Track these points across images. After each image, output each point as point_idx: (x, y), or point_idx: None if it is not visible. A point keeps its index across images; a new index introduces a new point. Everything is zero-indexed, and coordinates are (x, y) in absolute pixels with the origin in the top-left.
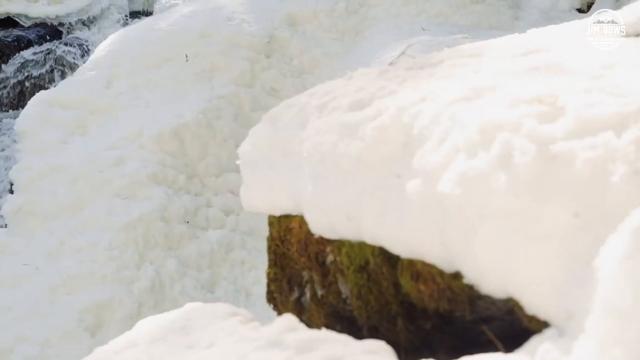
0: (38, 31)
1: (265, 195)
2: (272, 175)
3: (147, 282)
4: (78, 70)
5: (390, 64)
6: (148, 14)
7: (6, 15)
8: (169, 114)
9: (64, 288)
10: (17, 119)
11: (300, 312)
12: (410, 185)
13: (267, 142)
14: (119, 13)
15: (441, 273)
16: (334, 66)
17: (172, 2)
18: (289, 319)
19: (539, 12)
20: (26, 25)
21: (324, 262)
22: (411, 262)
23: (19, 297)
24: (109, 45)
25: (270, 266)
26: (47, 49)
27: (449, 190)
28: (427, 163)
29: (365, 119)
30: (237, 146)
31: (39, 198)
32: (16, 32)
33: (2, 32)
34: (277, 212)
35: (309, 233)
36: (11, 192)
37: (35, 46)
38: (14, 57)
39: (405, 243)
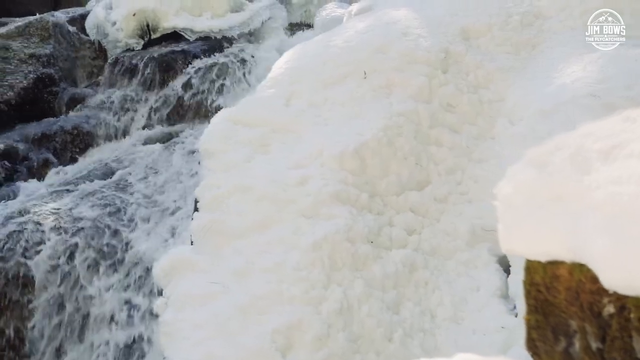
0: (202, 45)
1: (529, 240)
2: (539, 220)
3: (335, 303)
4: (258, 88)
5: None
6: (307, 26)
7: (173, 30)
8: (349, 132)
9: (253, 308)
10: (202, 137)
11: None
12: None
13: (531, 185)
14: (279, 25)
15: None
16: (510, 80)
17: (333, 14)
18: None
19: None
20: (191, 39)
21: (599, 314)
22: None
23: (208, 316)
24: (286, 62)
25: (530, 312)
26: (212, 63)
27: None
28: None
29: None
30: (417, 164)
31: (225, 216)
32: (182, 46)
33: (169, 46)
34: (543, 258)
35: (580, 282)
36: (196, 209)
37: (200, 60)
38: (182, 71)
39: None
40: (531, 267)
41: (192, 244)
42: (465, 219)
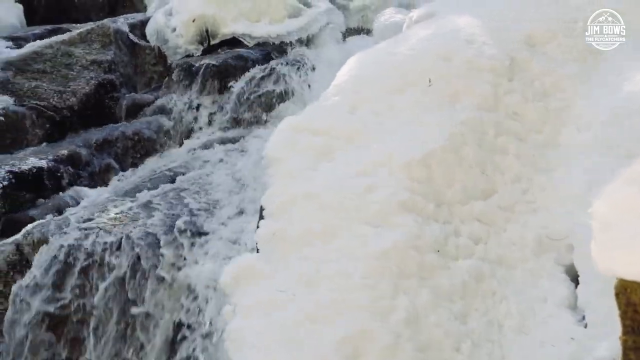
0: (261, 50)
1: (628, 259)
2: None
3: (402, 312)
4: (322, 96)
5: None
6: (364, 31)
7: (232, 36)
8: (414, 140)
9: (320, 316)
10: (267, 144)
11: None
12: None
13: (631, 204)
14: (337, 31)
15: None
16: (577, 88)
17: (392, 20)
18: None
19: None
20: (250, 45)
21: None
22: None
23: (275, 324)
24: (350, 70)
25: (626, 333)
26: (270, 69)
27: None
28: None
29: None
30: (483, 172)
31: (290, 224)
32: (241, 52)
33: (228, 52)
34: None
35: None
36: (262, 217)
37: (259, 66)
38: (240, 77)
39: None
40: (628, 287)
41: (257, 252)
42: (531, 228)
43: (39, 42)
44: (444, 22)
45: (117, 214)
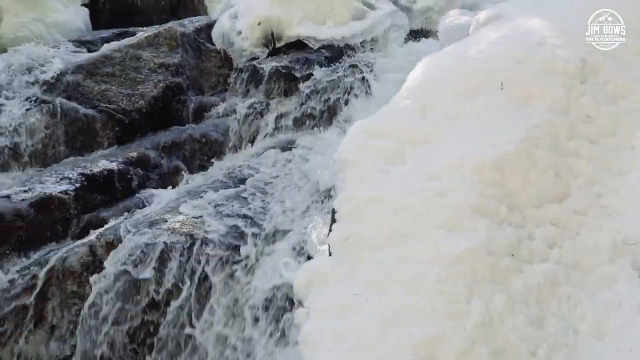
0: (325, 53)
1: None
2: None
3: (477, 317)
4: (393, 99)
5: None
6: (428, 33)
7: (297, 38)
8: (487, 143)
9: (394, 320)
10: (339, 148)
11: None
12: None
13: None
14: (401, 33)
15: None
16: None
17: (457, 22)
18: None
19: None
20: (314, 48)
21: None
22: None
23: (349, 327)
24: (421, 73)
25: None
26: (335, 71)
27: None
28: None
29: None
30: (557, 176)
31: (362, 228)
32: (306, 54)
33: (293, 55)
34: None
35: None
36: (334, 221)
37: (324, 68)
38: (306, 79)
39: None
40: None
41: (330, 255)
42: (605, 232)
43: (107, 46)
44: (514, 24)
45: (186, 215)
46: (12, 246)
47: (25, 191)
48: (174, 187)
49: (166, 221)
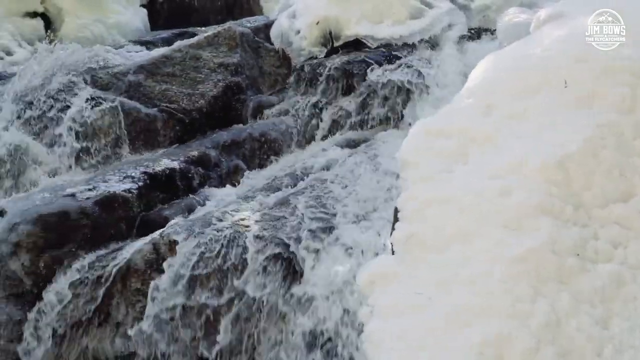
0: (383, 52)
1: None
2: None
3: (542, 316)
4: (455, 98)
5: None
6: (486, 31)
7: (354, 38)
8: (550, 142)
9: (458, 319)
10: (400, 148)
11: None
12: None
13: None
14: (459, 31)
15: None
16: None
17: (516, 20)
18: None
19: None
20: (372, 47)
21: None
22: None
23: (413, 326)
24: (482, 72)
25: None
26: (393, 70)
27: None
28: None
29: None
30: (622, 175)
31: (425, 227)
32: (364, 54)
33: (351, 54)
34: None
35: None
36: (396, 220)
37: (382, 67)
38: (364, 79)
39: None
40: None
41: (392, 254)
42: None
43: (167, 46)
44: (576, 22)
45: (248, 214)
46: (77, 244)
47: (89, 190)
48: (233, 185)
49: (227, 219)
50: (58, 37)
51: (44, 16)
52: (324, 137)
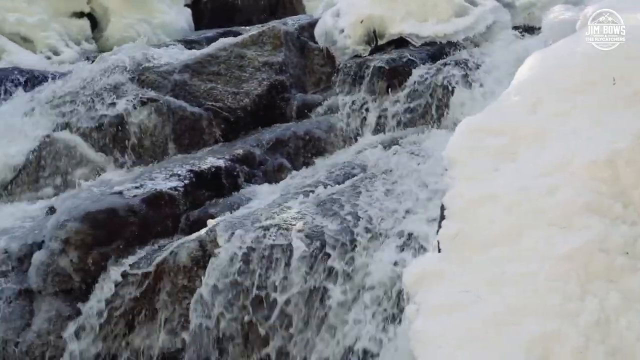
0: (428, 50)
1: None
2: None
3: (592, 315)
4: (502, 96)
5: None
6: (531, 28)
7: (399, 36)
8: (599, 140)
9: (506, 318)
10: (447, 146)
11: None
12: None
13: None
14: (504, 29)
15: None
16: None
17: (562, 18)
18: None
19: None
20: (417, 45)
21: None
22: None
23: (460, 324)
24: (529, 69)
25: None
26: (438, 69)
27: None
28: None
29: None
30: None
31: (472, 225)
32: (408, 52)
33: (395, 52)
34: None
35: None
36: (443, 217)
37: (427, 65)
38: (409, 77)
39: None
40: None
41: (439, 252)
42: None
43: (213, 45)
44: (627, 19)
45: (294, 212)
46: (125, 241)
47: (137, 187)
48: (278, 183)
49: (274, 217)
50: (104, 37)
51: (91, 16)
52: (370, 135)
